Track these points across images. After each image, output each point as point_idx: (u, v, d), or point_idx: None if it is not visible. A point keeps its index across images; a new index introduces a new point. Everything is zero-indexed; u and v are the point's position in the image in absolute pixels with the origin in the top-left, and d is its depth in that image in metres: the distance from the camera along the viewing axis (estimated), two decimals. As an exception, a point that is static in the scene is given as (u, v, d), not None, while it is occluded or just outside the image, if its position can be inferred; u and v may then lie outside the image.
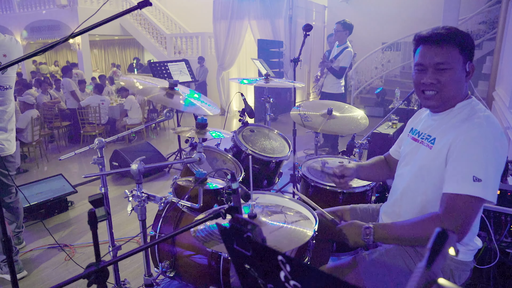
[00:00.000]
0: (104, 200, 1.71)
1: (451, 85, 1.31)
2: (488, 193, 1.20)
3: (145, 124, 2.35)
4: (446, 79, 1.30)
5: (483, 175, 1.19)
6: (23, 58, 1.17)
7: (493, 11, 8.30)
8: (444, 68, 1.29)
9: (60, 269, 2.69)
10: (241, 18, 8.40)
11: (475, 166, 1.20)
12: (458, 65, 1.29)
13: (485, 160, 1.21)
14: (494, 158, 1.22)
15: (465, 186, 1.20)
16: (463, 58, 1.30)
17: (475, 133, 1.23)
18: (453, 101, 1.35)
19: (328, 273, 0.53)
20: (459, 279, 1.40)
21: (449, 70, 1.29)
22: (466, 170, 1.21)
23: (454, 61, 1.29)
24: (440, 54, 1.29)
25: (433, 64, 1.30)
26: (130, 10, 1.13)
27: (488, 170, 1.20)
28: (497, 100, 5.16)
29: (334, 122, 2.52)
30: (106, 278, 0.93)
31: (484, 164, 1.20)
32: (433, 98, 1.35)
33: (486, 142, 1.22)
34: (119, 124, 7.06)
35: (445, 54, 1.29)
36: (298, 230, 1.46)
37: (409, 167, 1.49)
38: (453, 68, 1.29)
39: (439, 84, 1.31)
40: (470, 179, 1.19)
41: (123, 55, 17.63)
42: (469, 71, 1.33)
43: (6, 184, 2.55)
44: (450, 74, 1.29)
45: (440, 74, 1.30)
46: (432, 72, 1.32)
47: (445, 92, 1.32)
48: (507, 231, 1.96)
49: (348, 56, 4.69)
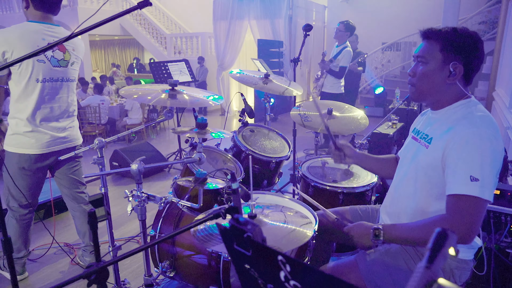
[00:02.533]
0: (104, 200, 1.71)
1: (423, 79, 1.37)
2: (485, 192, 1.20)
3: (145, 124, 2.35)
4: (420, 71, 1.38)
5: (480, 175, 1.20)
6: (23, 58, 1.16)
7: (493, 11, 8.30)
8: (420, 61, 1.38)
9: (60, 269, 2.69)
10: (241, 18, 8.40)
11: (472, 166, 1.21)
12: (434, 61, 1.34)
13: (481, 159, 1.21)
14: (489, 158, 1.22)
15: (463, 186, 1.21)
16: (442, 57, 1.33)
17: (471, 133, 1.24)
18: (432, 97, 1.40)
19: (328, 273, 0.53)
20: (459, 278, 1.40)
21: (424, 64, 1.37)
22: (463, 171, 1.22)
23: (431, 57, 1.35)
24: (421, 48, 1.38)
25: (416, 56, 1.41)
26: (130, 10, 1.13)
27: (484, 170, 1.21)
28: (497, 100, 5.16)
29: (334, 122, 2.52)
30: (106, 278, 0.93)
31: (480, 164, 1.21)
32: (410, 89, 1.44)
33: (481, 142, 1.23)
34: (119, 124, 7.06)
35: (425, 48, 1.37)
36: (298, 230, 1.46)
37: (406, 167, 1.50)
38: (428, 63, 1.36)
39: (415, 76, 1.40)
40: (468, 179, 1.21)
41: (123, 55, 17.63)
42: (454, 72, 1.32)
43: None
44: (424, 68, 1.37)
45: (417, 66, 1.40)
46: (415, 64, 1.41)
47: (418, 84, 1.40)
48: (507, 231, 1.96)
49: (348, 56, 4.70)
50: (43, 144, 2.28)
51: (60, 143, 2.38)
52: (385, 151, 3.91)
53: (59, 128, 2.35)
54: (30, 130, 2.23)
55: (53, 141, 2.33)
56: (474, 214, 1.21)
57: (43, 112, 2.26)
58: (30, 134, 2.24)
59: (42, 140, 2.27)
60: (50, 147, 2.32)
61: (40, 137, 2.26)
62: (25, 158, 2.26)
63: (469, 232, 1.21)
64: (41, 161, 2.32)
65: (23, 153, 2.25)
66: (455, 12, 5.69)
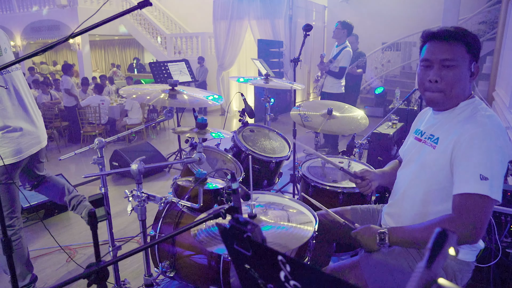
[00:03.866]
0: (104, 200, 1.71)
1: (456, 83, 1.30)
2: (494, 191, 1.19)
3: (145, 124, 2.35)
4: (451, 76, 1.29)
5: (490, 174, 1.19)
6: (23, 58, 1.16)
7: (493, 11, 8.30)
8: (449, 65, 1.29)
9: (60, 269, 2.69)
10: (241, 18, 8.39)
11: (481, 165, 1.20)
12: (464, 63, 1.29)
13: (490, 159, 1.20)
14: (498, 157, 1.22)
15: (473, 185, 1.19)
16: (469, 57, 1.30)
17: (479, 132, 1.23)
18: (456, 100, 1.34)
19: (328, 273, 0.53)
20: (461, 281, 1.39)
21: (454, 68, 1.28)
22: (473, 170, 1.20)
23: (460, 58, 1.28)
24: (447, 51, 1.28)
25: (440, 60, 1.30)
26: (130, 10, 1.13)
27: (494, 169, 1.20)
28: (497, 100, 5.16)
29: (334, 122, 2.52)
30: (106, 278, 0.93)
31: (489, 163, 1.20)
32: (437, 96, 1.34)
33: (490, 141, 1.22)
34: (119, 124, 7.06)
35: (452, 50, 1.28)
36: (298, 230, 1.46)
37: (411, 167, 1.48)
38: (459, 66, 1.28)
39: (443, 81, 1.30)
40: (477, 178, 1.19)
41: (123, 55, 17.63)
42: (474, 72, 1.32)
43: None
44: (456, 71, 1.29)
45: (445, 71, 1.30)
46: (438, 68, 1.31)
47: (448, 90, 1.31)
48: (507, 231, 1.96)
49: (348, 56, 4.70)
50: (17, 150, 2.13)
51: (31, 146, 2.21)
52: (385, 151, 3.91)
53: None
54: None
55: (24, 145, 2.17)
56: (482, 214, 1.19)
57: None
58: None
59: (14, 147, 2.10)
60: (23, 152, 2.17)
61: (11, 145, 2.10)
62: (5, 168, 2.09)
63: (476, 231, 1.20)
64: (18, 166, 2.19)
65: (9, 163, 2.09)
66: (455, 12, 5.69)
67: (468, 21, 8.46)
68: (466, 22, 8.41)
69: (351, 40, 5.19)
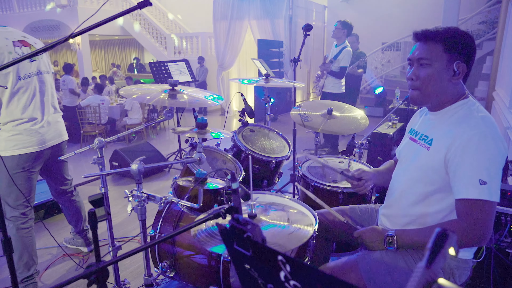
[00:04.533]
0: (104, 200, 1.71)
1: (430, 81, 1.33)
2: (494, 194, 1.21)
3: (145, 124, 2.35)
4: (424, 74, 1.34)
5: (488, 177, 1.20)
6: (24, 58, 1.16)
7: (493, 11, 8.30)
8: (423, 64, 1.34)
9: (60, 269, 2.69)
10: (241, 18, 8.40)
11: (479, 169, 1.21)
12: (439, 62, 1.32)
13: (487, 162, 1.21)
14: (495, 159, 1.23)
15: (473, 191, 1.21)
16: (447, 57, 1.31)
17: (474, 134, 1.24)
18: (439, 98, 1.37)
19: (328, 273, 0.53)
20: (459, 278, 1.40)
21: (429, 66, 1.33)
22: (471, 174, 1.22)
23: (435, 58, 1.32)
24: (424, 50, 1.34)
25: (416, 59, 1.36)
26: (130, 10, 1.13)
27: (491, 172, 1.21)
28: (497, 100, 5.16)
29: (334, 122, 2.52)
30: (106, 278, 0.93)
31: (487, 166, 1.21)
32: (414, 94, 1.39)
33: (486, 143, 1.22)
34: (119, 124, 7.06)
35: (427, 50, 1.33)
36: (298, 230, 1.46)
37: (406, 168, 1.49)
38: (433, 64, 1.32)
39: (418, 79, 1.36)
40: (477, 183, 1.21)
41: (123, 55, 17.63)
42: (458, 71, 1.32)
43: None
44: (429, 70, 1.33)
45: (420, 69, 1.35)
46: (416, 67, 1.36)
47: (424, 88, 1.35)
48: (507, 231, 1.96)
49: (348, 56, 4.70)
50: (41, 140, 2.31)
51: (52, 138, 2.41)
52: (385, 151, 3.91)
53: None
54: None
55: (48, 136, 2.36)
56: (486, 218, 1.22)
57: (32, 109, 2.28)
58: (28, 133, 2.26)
59: (39, 137, 2.30)
60: (47, 142, 2.36)
61: (37, 135, 2.29)
62: (25, 157, 2.26)
63: (483, 235, 1.23)
64: (40, 157, 2.34)
65: (24, 153, 2.25)
66: (455, 12, 5.69)
67: (468, 21, 8.46)
68: (466, 22, 8.41)
69: (351, 40, 5.19)
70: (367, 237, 1.46)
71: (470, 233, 1.23)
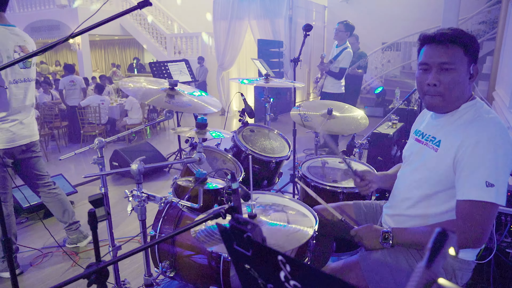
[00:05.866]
0: (104, 200, 1.71)
1: (455, 86, 1.28)
2: (500, 197, 1.19)
3: (145, 124, 2.35)
4: (449, 79, 1.28)
5: (495, 180, 1.18)
6: (23, 58, 1.16)
7: (493, 11, 8.30)
8: (448, 68, 1.28)
9: (60, 269, 2.69)
10: (241, 18, 8.39)
11: (487, 171, 1.19)
12: (462, 66, 1.28)
13: (496, 164, 1.19)
14: (504, 161, 1.20)
15: (479, 192, 1.19)
16: (467, 60, 1.28)
17: (483, 136, 1.22)
18: (455, 103, 1.33)
19: (328, 273, 0.53)
20: (461, 279, 1.39)
21: (453, 71, 1.27)
22: (478, 176, 1.20)
23: (458, 61, 1.27)
24: (445, 54, 1.27)
25: (438, 63, 1.29)
26: (130, 10, 1.13)
27: (499, 174, 1.19)
28: (497, 100, 5.16)
29: (334, 122, 2.52)
30: (106, 278, 0.93)
31: (495, 168, 1.19)
32: (436, 100, 1.32)
33: (495, 145, 1.20)
34: (119, 124, 7.06)
35: (450, 54, 1.27)
36: (298, 230, 1.46)
37: (412, 169, 1.47)
38: (457, 68, 1.27)
39: (441, 85, 1.29)
40: (483, 185, 1.18)
41: (123, 55, 17.63)
42: (473, 74, 1.31)
43: None
44: (454, 74, 1.27)
45: (444, 74, 1.28)
46: (436, 72, 1.29)
47: (448, 94, 1.30)
48: (507, 231, 1.96)
49: (348, 57, 4.70)
50: (11, 138, 2.45)
51: (22, 138, 2.53)
52: (385, 151, 3.92)
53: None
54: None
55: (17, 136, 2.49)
56: (487, 220, 1.20)
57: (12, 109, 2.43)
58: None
59: (9, 135, 2.44)
60: (17, 141, 2.48)
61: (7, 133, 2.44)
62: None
63: (481, 238, 1.21)
64: (8, 155, 2.48)
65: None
66: (455, 12, 5.69)
67: (468, 21, 8.46)
68: (466, 22, 8.41)
69: (351, 41, 5.19)
70: (363, 234, 1.45)
71: (468, 235, 1.21)
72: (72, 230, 2.89)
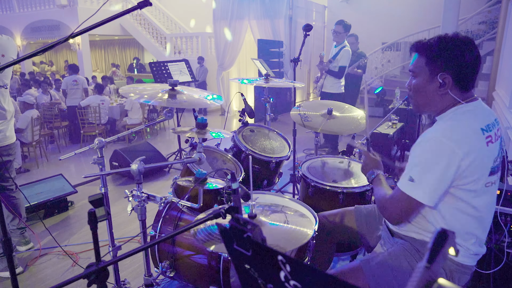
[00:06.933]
0: (104, 200, 1.71)
1: (417, 91, 1.40)
2: (419, 194, 1.28)
3: (145, 124, 2.35)
4: (414, 86, 1.41)
5: (417, 177, 1.28)
6: (23, 58, 1.16)
7: (493, 11, 8.29)
8: (413, 75, 1.41)
9: (60, 269, 2.69)
10: (241, 18, 8.39)
11: (413, 167, 1.30)
12: (423, 75, 1.36)
13: (423, 163, 1.28)
14: (434, 162, 1.25)
15: (402, 183, 1.33)
16: (429, 69, 1.34)
17: (425, 136, 1.31)
18: (424, 107, 1.42)
19: (327, 273, 0.53)
20: (458, 281, 1.40)
21: (415, 78, 1.40)
22: (408, 170, 1.32)
23: (419, 70, 1.37)
24: (413, 62, 1.41)
25: (409, 70, 1.43)
26: (130, 10, 1.13)
27: (423, 173, 1.27)
28: (497, 100, 5.16)
29: (334, 122, 2.52)
30: (106, 278, 0.93)
31: (420, 167, 1.28)
32: (410, 102, 1.48)
33: (429, 145, 1.28)
34: (119, 124, 7.06)
35: (414, 63, 1.39)
36: (298, 230, 1.46)
37: None
38: (418, 77, 1.38)
39: (411, 90, 1.43)
40: (407, 178, 1.31)
41: (123, 55, 17.62)
42: (443, 82, 1.31)
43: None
44: (416, 82, 1.39)
45: (411, 81, 1.42)
46: (410, 78, 1.44)
47: (413, 98, 1.43)
48: (507, 231, 1.96)
49: (347, 55, 4.70)
50: None
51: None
52: (385, 151, 3.92)
53: None
54: None
55: None
56: (403, 208, 1.33)
57: None
58: None
59: None
60: None
61: None
62: None
63: (396, 218, 1.37)
64: None
65: None
66: (455, 12, 5.69)
67: (468, 21, 8.46)
68: (466, 22, 8.40)
69: (351, 41, 5.19)
70: (365, 163, 1.63)
71: (388, 211, 1.37)
72: (16, 233, 2.86)
